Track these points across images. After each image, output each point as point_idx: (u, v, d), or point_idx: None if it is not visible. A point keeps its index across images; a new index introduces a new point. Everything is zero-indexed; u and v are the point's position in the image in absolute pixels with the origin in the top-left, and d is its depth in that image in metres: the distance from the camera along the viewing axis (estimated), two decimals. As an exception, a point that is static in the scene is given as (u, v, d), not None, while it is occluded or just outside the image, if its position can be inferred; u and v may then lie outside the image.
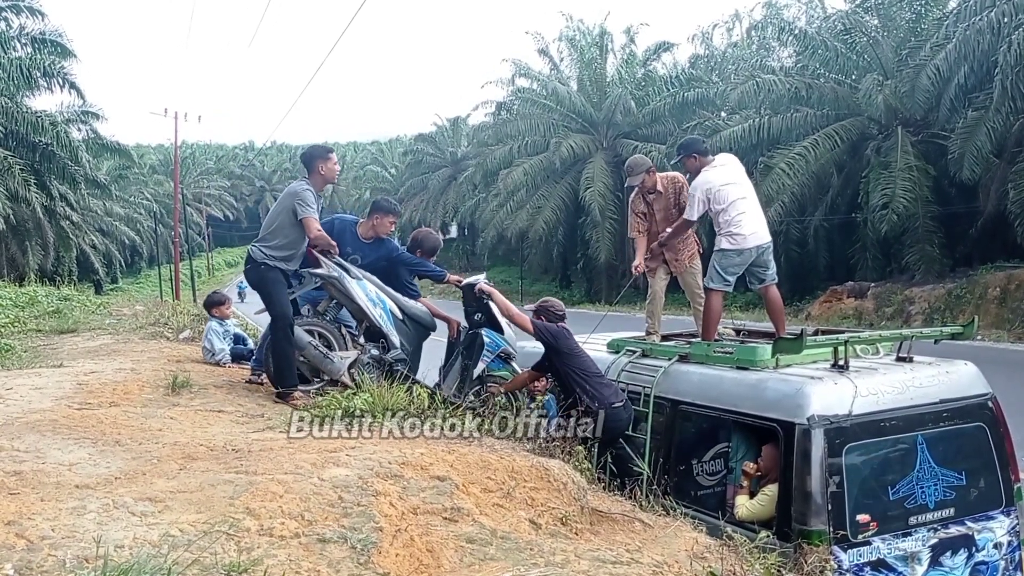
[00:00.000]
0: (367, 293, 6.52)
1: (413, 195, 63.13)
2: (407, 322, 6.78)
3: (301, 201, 6.37)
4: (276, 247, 6.50)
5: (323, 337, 6.50)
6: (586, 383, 5.98)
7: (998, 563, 4.98)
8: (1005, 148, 22.02)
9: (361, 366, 6.43)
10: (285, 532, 3.44)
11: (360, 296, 6.47)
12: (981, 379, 5.22)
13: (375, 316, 6.52)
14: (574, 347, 6.19)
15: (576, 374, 6.06)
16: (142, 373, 7.51)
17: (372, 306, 6.51)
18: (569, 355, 6.13)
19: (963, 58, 22.42)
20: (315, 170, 6.58)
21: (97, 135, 33.49)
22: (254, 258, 6.57)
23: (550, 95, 40.55)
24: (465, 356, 6.86)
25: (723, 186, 6.40)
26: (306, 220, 6.36)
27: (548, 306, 6.54)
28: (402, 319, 6.73)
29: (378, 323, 6.55)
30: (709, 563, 3.75)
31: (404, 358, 6.70)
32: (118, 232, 51.39)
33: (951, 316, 20.67)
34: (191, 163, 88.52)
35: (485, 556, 3.58)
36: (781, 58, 33.28)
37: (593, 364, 6.17)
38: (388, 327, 6.57)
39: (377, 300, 6.56)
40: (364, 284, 6.54)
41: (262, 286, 6.58)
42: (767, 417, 4.90)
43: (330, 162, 6.63)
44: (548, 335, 6.21)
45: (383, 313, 6.56)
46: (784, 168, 25.96)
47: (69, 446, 4.72)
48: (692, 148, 6.71)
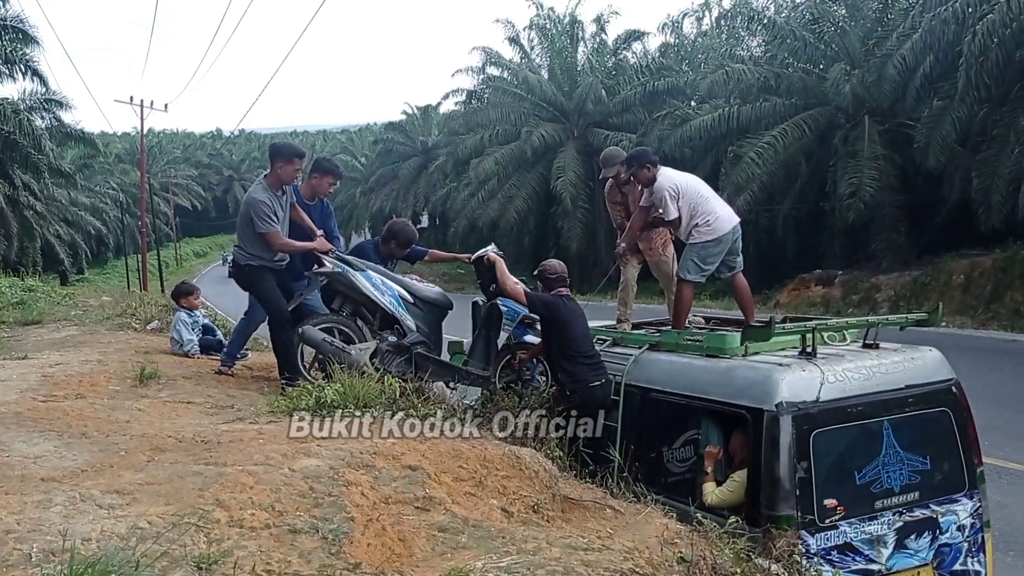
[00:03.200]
0: (372, 282, 6.53)
1: (383, 184, 62.78)
2: (420, 304, 6.76)
3: (257, 214, 6.34)
4: (254, 251, 6.52)
5: (341, 332, 6.50)
6: (567, 361, 5.95)
7: (961, 545, 5.08)
8: (969, 137, 22.29)
9: (382, 354, 6.43)
10: (255, 523, 3.42)
11: (366, 287, 6.49)
12: (946, 365, 5.31)
13: (385, 303, 6.53)
14: (568, 320, 6.06)
15: (560, 350, 6.04)
16: (109, 364, 7.42)
17: (380, 294, 6.52)
18: (561, 328, 6.04)
19: (929, 48, 22.64)
20: (273, 168, 6.54)
21: (61, 123, 32.97)
22: (238, 261, 6.63)
23: (521, 84, 40.41)
24: (487, 328, 6.85)
25: (686, 182, 6.51)
26: (267, 236, 6.37)
27: (545, 270, 6.45)
28: (414, 302, 6.71)
29: (389, 310, 6.56)
30: (679, 548, 3.78)
31: (423, 340, 6.70)
32: (84, 222, 50.54)
33: (917, 303, 20.94)
34: (158, 152, 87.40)
35: (457, 544, 3.59)
36: (750, 47, 33.40)
37: (585, 340, 6.08)
38: (400, 312, 6.58)
39: (384, 288, 6.57)
40: (368, 274, 6.56)
41: (251, 287, 6.69)
42: (736, 404, 4.95)
43: (291, 166, 6.53)
44: (541, 306, 6.15)
45: (392, 299, 6.57)
46: (753, 157, 26.10)
47: (34, 439, 4.66)
48: (645, 159, 6.73)
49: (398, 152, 63.28)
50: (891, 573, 4.81)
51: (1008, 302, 19.82)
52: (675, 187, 6.43)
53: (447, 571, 3.23)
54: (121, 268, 55.51)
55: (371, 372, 6.19)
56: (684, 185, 6.45)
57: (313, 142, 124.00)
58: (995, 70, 19.86)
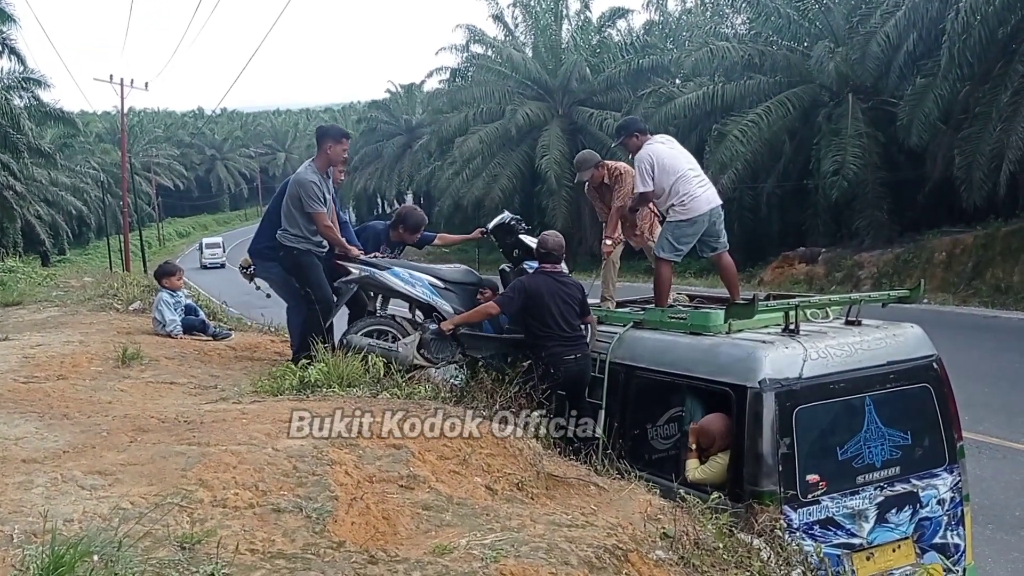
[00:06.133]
0: (401, 278, 6.53)
1: (368, 163, 62.47)
2: (451, 287, 6.75)
3: (308, 194, 6.39)
4: (300, 232, 6.49)
5: (382, 333, 6.50)
6: (538, 339, 6.02)
7: (941, 519, 5.13)
8: (952, 115, 22.38)
9: (427, 343, 6.41)
10: (239, 503, 3.42)
11: (396, 283, 6.50)
12: (927, 341, 5.34)
13: (418, 295, 6.55)
14: (536, 299, 6.03)
15: (531, 328, 6.11)
16: (91, 345, 7.37)
17: (411, 288, 6.54)
18: (532, 308, 6.06)
19: (912, 25, 22.70)
20: (323, 149, 6.64)
21: (40, 102, 32.51)
22: (285, 244, 6.54)
23: (505, 62, 40.23)
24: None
25: (670, 158, 6.46)
26: (316, 216, 6.43)
27: (537, 243, 6.43)
28: (445, 286, 6.69)
29: (424, 299, 6.58)
30: (662, 524, 3.81)
31: None
32: (64, 202, 49.97)
33: (899, 280, 21.07)
34: (139, 131, 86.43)
35: (441, 522, 3.59)
36: (735, 25, 33.32)
37: (562, 318, 6.02)
38: (435, 299, 6.58)
39: (413, 280, 6.57)
40: (395, 271, 6.55)
41: (298, 271, 6.61)
42: (720, 381, 4.97)
43: (340, 146, 6.68)
44: (513, 299, 6.13)
45: (424, 289, 6.58)
46: (737, 135, 26.15)
47: (15, 420, 4.63)
48: (633, 127, 6.74)
49: (382, 131, 62.97)
50: (872, 547, 4.86)
51: (989, 279, 20.00)
52: (653, 162, 6.40)
53: (431, 549, 3.24)
54: (103, 248, 55.10)
55: (423, 363, 6.24)
56: (665, 161, 6.40)
57: (296, 121, 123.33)
58: (977, 48, 19.91)
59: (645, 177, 6.43)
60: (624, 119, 7.37)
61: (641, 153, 6.49)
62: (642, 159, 6.46)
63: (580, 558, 3.26)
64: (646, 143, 6.55)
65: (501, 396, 5.43)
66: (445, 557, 3.15)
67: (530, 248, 6.75)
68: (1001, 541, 6.90)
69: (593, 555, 3.30)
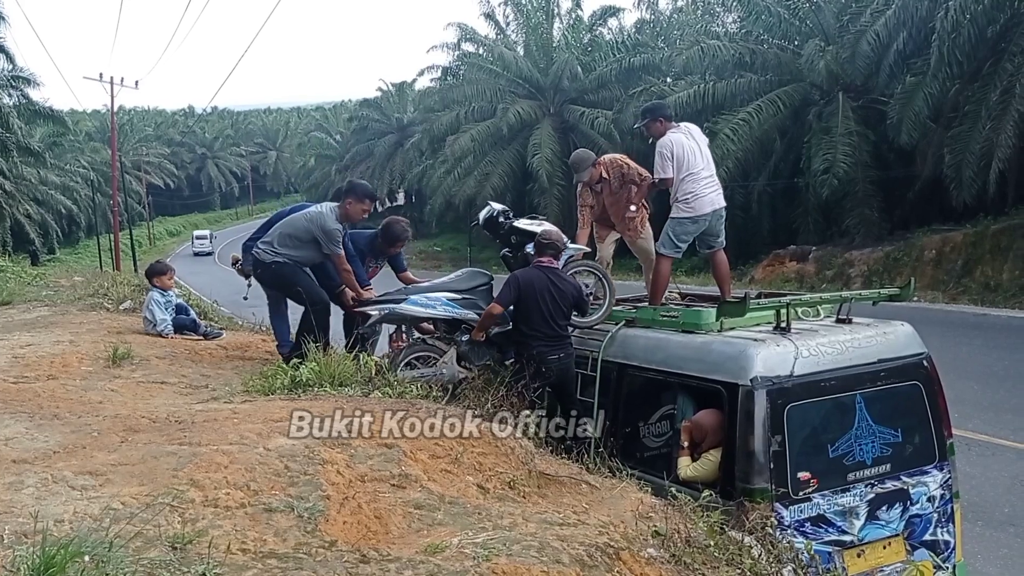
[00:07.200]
0: (420, 304, 6.52)
1: (359, 162, 62.36)
2: (468, 295, 6.74)
3: (332, 239, 6.65)
4: (288, 251, 6.71)
5: (421, 360, 6.49)
6: (523, 336, 6.03)
7: (931, 516, 5.16)
8: (941, 113, 22.45)
9: (466, 354, 6.41)
10: (230, 502, 3.41)
11: (417, 311, 6.52)
12: (917, 339, 5.36)
13: (441, 314, 6.57)
14: (525, 297, 6.02)
15: (517, 325, 6.13)
16: (81, 345, 7.34)
17: (432, 310, 6.54)
18: (521, 305, 6.06)
19: (902, 24, 22.74)
20: (344, 203, 6.81)
21: (29, 101, 32.42)
22: (262, 260, 6.74)
23: (496, 60, 40.20)
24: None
25: (688, 152, 6.48)
26: (338, 258, 6.74)
27: (539, 235, 6.39)
28: (462, 297, 6.68)
29: (450, 317, 6.58)
30: (654, 522, 3.82)
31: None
32: (54, 201, 49.75)
33: (889, 278, 21.14)
34: (129, 130, 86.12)
35: (433, 521, 3.59)
36: (726, 23, 33.35)
37: (550, 317, 6.00)
38: (459, 313, 6.57)
39: (431, 301, 6.55)
40: (412, 299, 6.55)
41: (281, 281, 6.81)
42: (711, 379, 4.99)
43: (361, 205, 6.89)
44: (508, 296, 6.10)
45: (445, 307, 6.56)
46: (728, 134, 26.16)
47: (5, 420, 4.61)
48: (659, 112, 6.76)
49: (373, 129, 62.85)
50: (863, 544, 4.88)
51: (978, 277, 20.07)
52: (671, 151, 6.45)
53: (423, 548, 3.24)
54: (93, 248, 54.81)
55: (468, 374, 6.24)
56: (682, 154, 6.44)
57: (287, 119, 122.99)
58: (967, 46, 19.99)
59: (666, 163, 6.47)
60: (652, 102, 7.38)
61: (664, 139, 6.53)
62: (664, 145, 6.50)
63: (572, 556, 3.26)
64: (669, 131, 6.58)
65: (492, 396, 5.43)
66: (437, 556, 3.15)
67: (527, 232, 6.73)
68: (990, 538, 6.94)
69: (585, 553, 3.31)
